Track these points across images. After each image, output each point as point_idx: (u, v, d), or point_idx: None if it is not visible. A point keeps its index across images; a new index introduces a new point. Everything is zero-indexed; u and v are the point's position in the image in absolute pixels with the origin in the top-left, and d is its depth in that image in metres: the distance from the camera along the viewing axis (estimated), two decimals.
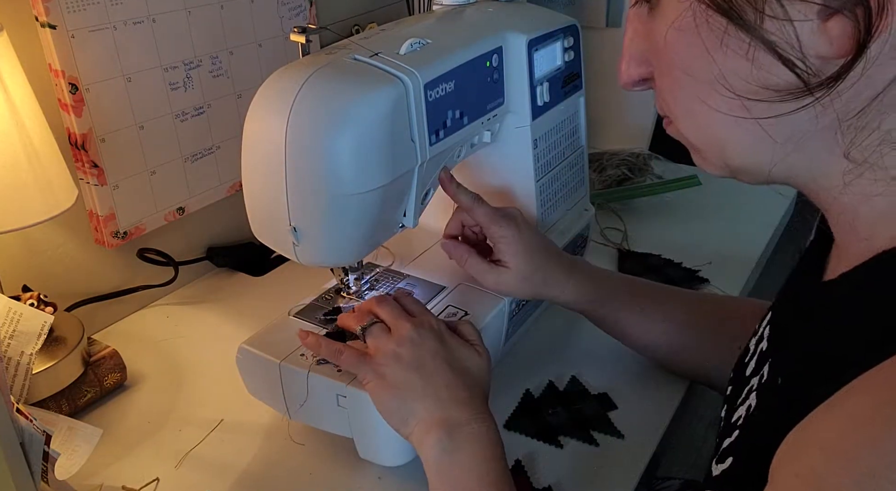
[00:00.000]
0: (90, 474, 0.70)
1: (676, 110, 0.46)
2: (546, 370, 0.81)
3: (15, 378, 0.69)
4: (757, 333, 0.53)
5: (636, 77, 0.48)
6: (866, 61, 0.37)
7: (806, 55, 0.38)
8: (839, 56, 0.37)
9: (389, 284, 0.80)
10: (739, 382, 0.51)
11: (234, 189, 1.02)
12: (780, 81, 0.39)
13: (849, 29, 0.36)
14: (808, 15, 0.37)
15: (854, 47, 0.36)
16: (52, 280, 0.86)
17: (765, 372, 0.47)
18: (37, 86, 0.74)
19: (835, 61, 0.38)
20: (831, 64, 0.38)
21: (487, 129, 0.78)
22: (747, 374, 0.51)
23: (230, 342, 0.72)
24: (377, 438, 0.67)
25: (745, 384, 0.50)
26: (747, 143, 0.43)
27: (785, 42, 0.38)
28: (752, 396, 0.47)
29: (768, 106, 0.40)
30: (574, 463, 0.70)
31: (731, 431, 0.47)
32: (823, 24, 0.37)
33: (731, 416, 0.49)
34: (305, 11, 1.06)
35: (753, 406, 0.46)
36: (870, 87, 0.38)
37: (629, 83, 0.49)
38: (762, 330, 0.52)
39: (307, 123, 0.59)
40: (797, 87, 0.39)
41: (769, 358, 0.48)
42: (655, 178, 1.21)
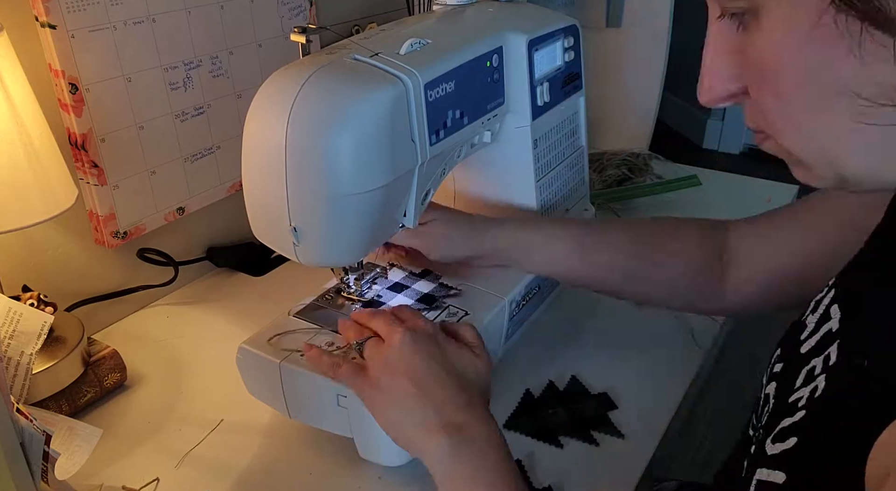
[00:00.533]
0: (90, 474, 0.70)
1: (781, 125, 0.43)
2: (546, 370, 0.81)
3: (15, 378, 0.69)
4: (816, 310, 0.51)
5: (725, 93, 0.45)
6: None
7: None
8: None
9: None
10: (794, 361, 0.50)
11: (234, 189, 1.02)
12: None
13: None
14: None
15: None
16: (52, 280, 0.86)
17: (832, 353, 0.46)
18: (37, 86, 0.74)
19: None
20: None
21: (487, 129, 0.78)
22: (803, 351, 0.49)
23: (230, 342, 0.72)
24: (377, 438, 0.67)
25: (802, 363, 0.48)
26: (865, 152, 0.41)
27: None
28: (818, 378, 0.46)
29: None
30: (574, 463, 0.70)
31: (791, 411, 0.46)
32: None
33: (789, 395, 0.47)
34: (305, 11, 1.06)
35: (822, 388, 0.44)
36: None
37: (717, 100, 0.45)
38: (825, 308, 0.50)
39: (307, 123, 0.59)
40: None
41: (837, 339, 0.46)
42: (655, 178, 1.21)
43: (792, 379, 0.48)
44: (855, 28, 0.37)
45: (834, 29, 0.37)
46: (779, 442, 0.45)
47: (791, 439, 0.44)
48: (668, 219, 0.80)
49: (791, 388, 0.48)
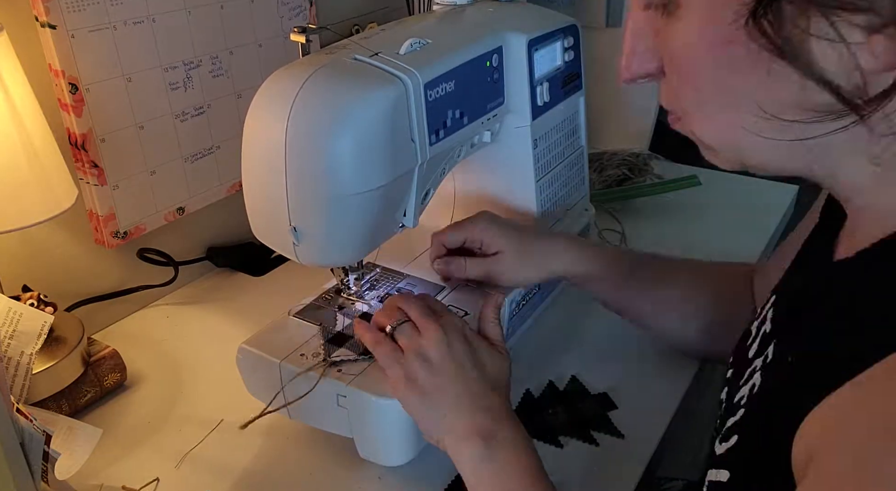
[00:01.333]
0: (90, 474, 0.70)
1: (692, 113, 0.45)
2: (546, 370, 0.81)
3: (15, 378, 0.69)
4: (759, 316, 0.53)
5: (642, 71, 0.47)
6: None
7: (857, 73, 0.37)
8: (886, 70, 0.36)
9: (389, 284, 0.80)
10: (741, 364, 0.52)
11: (234, 189, 1.02)
12: (823, 102, 0.38)
13: (893, 45, 0.36)
14: (854, 34, 0.36)
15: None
16: (52, 280, 0.86)
17: (769, 353, 0.47)
18: (37, 86, 0.74)
19: (879, 77, 0.37)
20: (874, 81, 0.37)
21: (487, 128, 0.78)
22: (750, 356, 0.51)
23: (230, 342, 0.72)
24: (377, 438, 0.67)
25: (747, 366, 0.50)
26: (769, 153, 0.43)
27: (834, 64, 0.37)
28: (756, 375, 0.47)
29: (803, 126, 0.40)
30: (574, 463, 0.70)
31: (735, 410, 0.47)
32: (868, 42, 0.36)
33: (734, 396, 0.49)
34: (305, 11, 1.06)
35: (758, 385, 0.46)
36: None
37: (633, 78, 0.48)
38: (765, 313, 0.52)
39: (307, 123, 0.59)
40: (839, 108, 0.38)
41: (773, 339, 0.48)
42: (655, 179, 1.21)
43: (737, 381, 0.50)
44: (763, 54, 0.39)
45: (745, 45, 0.39)
46: (724, 442, 0.47)
47: (733, 437, 0.46)
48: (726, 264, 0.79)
49: (736, 389, 0.50)
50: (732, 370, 0.54)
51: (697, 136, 0.46)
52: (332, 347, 0.70)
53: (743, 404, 0.47)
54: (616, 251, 0.78)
